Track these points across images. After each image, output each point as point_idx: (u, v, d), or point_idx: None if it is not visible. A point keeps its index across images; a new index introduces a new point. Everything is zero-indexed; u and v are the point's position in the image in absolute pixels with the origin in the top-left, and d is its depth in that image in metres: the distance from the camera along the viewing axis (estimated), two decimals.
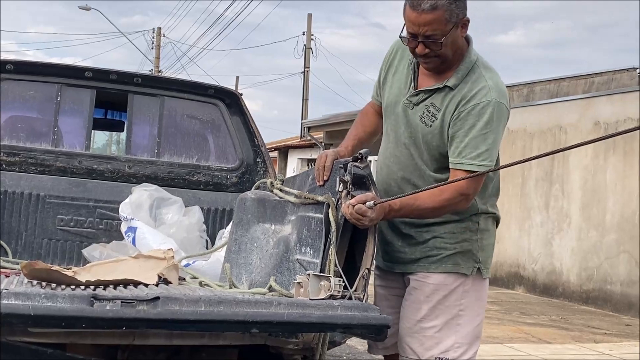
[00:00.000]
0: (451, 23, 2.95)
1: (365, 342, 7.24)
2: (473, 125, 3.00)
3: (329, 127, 18.70)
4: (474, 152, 3.00)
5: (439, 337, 3.11)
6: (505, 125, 3.09)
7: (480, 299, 3.23)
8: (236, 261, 3.80)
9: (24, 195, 4.38)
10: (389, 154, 3.31)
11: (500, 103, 3.00)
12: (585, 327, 8.52)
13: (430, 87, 3.10)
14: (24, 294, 2.51)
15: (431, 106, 3.10)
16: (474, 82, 3.04)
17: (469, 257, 3.16)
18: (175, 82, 5.18)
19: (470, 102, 3.02)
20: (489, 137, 2.99)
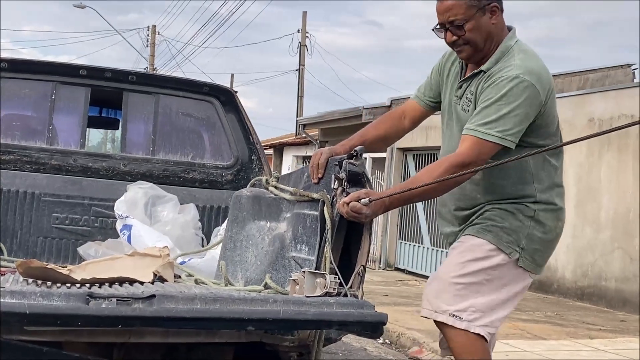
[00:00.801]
0: (474, 8, 3.03)
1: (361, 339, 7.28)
2: (490, 97, 3.00)
3: (325, 124, 18.68)
4: (481, 120, 2.98)
5: (458, 295, 3.06)
6: (532, 104, 2.99)
7: (510, 287, 3.13)
8: (232, 259, 3.80)
9: (19, 193, 4.37)
10: (444, 152, 3.32)
11: (523, 79, 2.97)
12: (580, 323, 8.54)
13: (469, 74, 3.15)
14: (19, 292, 2.51)
15: (469, 93, 3.14)
16: (504, 62, 3.06)
17: (513, 238, 3.10)
18: (170, 79, 5.18)
19: (493, 77, 3.04)
20: (503, 108, 2.96)
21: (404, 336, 7.34)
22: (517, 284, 3.16)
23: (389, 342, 7.47)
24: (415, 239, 14.89)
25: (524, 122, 2.99)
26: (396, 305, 9.01)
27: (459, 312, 3.04)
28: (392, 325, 7.59)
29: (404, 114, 3.50)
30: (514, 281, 3.14)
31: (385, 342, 7.49)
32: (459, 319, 3.04)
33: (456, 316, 3.04)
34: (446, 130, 3.33)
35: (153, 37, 37.52)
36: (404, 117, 3.50)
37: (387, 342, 7.47)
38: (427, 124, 3.51)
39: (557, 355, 6.47)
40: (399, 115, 3.51)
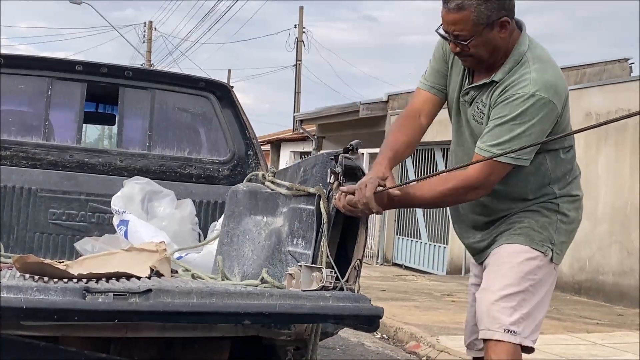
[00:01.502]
0: (481, 25, 2.85)
1: (358, 334, 7.29)
2: (504, 115, 2.87)
3: (322, 119, 18.69)
4: (494, 140, 2.87)
5: (507, 307, 2.93)
6: (549, 120, 2.88)
7: (547, 285, 3.05)
8: (228, 253, 3.80)
9: (16, 189, 4.37)
10: (453, 150, 3.25)
11: (540, 97, 2.83)
12: (578, 317, 8.55)
13: (479, 83, 3.01)
14: (16, 287, 2.52)
15: (480, 103, 3.01)
16: (519, 74, 2.91)
17: (545, 235, 3.02)
18: (166, 75, 5.18)
19: (508, 92, 2.90)
20: (517, 128, 2.84)
21: (401, 331, 7.35)
22: (550, 281, 3.08)
23: (387, 337, 7.48)
24: (413, 234, 14.92)
25: (539, 139, 2.87)
26: (394, 301, 9.02)
27: (512, 325, 2.91)
28: (389, 320, 7.61)
29: (418, 111, 3.24)
30: (549, 279, 3.07)
31: (383, 337, 7.50)
32: (513, 334, 2.90)
33: (510, 331, 2.91)
34: (456, 128, 3.20)
35: (150, 33, 37.48)
36: (419, 115, 3.24)
37: (384, 337, 7.49)
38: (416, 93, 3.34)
39: (555, 349, 6.48)
40: (415, 114, 3.25)
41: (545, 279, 3.04)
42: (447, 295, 9.97)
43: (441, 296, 9.95)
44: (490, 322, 2.94)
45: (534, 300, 2.99)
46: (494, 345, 2.93)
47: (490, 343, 2.94)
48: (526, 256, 3.00)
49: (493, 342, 2.93)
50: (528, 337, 2.95)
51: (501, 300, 2.94)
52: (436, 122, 3.47)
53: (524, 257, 3.00)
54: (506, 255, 3.03)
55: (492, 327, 2.93)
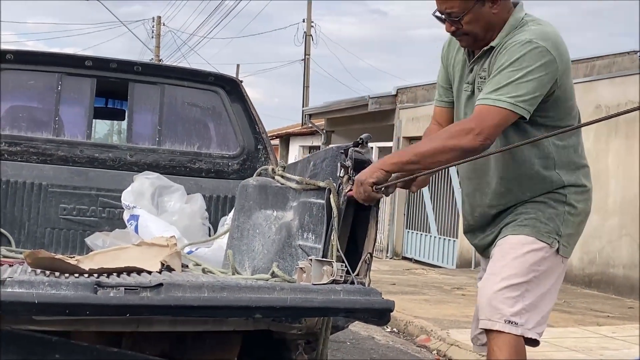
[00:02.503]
0: (471, 0, 2.90)
1: (368, 328, 7.29)
2: (502, 63, 2.87)
3: (331, 114, 18.68)
4: (492, 88, 2.85)
5: (510, 297, 2.90)
6: (548, 71, 2.84)
7: (553, 278, 3.02)
8: (239, 248, 3.81)
9: (26, 184, 4.38)
10: None
11: (538, 44, 2.83)
12: (588, 310, 8.54)
13: (478, 54, 3.02)
14: (27, 282, 2.53)
15: (482, 71, 3.01)
16: (518, 32, 2.92)
17: (551, 227, 2.99)
18: (176, 70, 5.18)
19: (505, 44, 2.91)
20: (515, 74, 2.82)
21: (411, 324, 7.36)
22: (557, 273, 3.05)
23: (397, 330, 7.49)
24: (423, 228, 14.90)
25: (538, 89, 2.83)
26: (404, 294, 9.03)
27: (513, 316, 2.88)
28: (399, 313, 7.61)
29: (439, 124, 3.31)
30: (556, 271, 3.04)
31: (393, 330, 7.51)
32: (515, 325, 2.88)
33: (512, 322, 2.88)
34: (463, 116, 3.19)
35: (158, 29, 37.52)
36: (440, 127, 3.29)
37: (394, 331, 7.49)
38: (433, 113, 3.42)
39: (565, 342, 6.47)
40: (437, 128, 3.29)
41: (551, 270, 3.01)
42: (457, 289, 9.97)
43: (451, 290, 9.94)
44: (491, 312, 2.91)
45: (539, 292, 2.96)
46: (496, 337, 2.90)
47: (492, 334, 2.92)
48: (531, 247, 2.98)
49: (494, 333, 2.90)
50: (532, 329, 2.92)
51: (504, 290, 2.92)
52: None
53: (529, 248, 2.98)
54: (511, 245, 3.00)
55: (493, 317, 2.91)
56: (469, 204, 3.23)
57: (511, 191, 3.07)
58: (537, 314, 2.96)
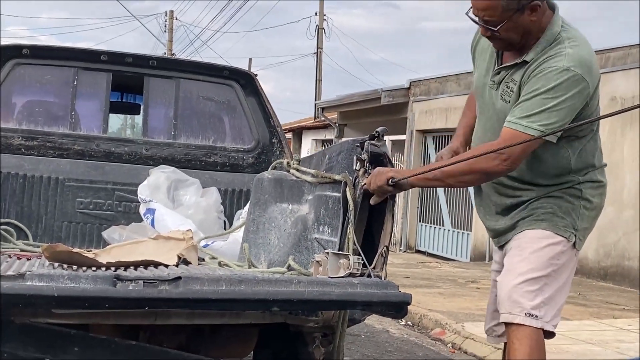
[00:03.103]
0: (510, 10, 2.84)
1: (383, 321, 7.29)
2: (536, 88, 2.85)
3: (343, 107, 18.65)
4: (524, 113, 2.85)
5: (529, 291, 2.92)
6: (580, 97, 2.86)
7: (568, 271, 3.04)
8: (254, 241, 3.82)
9: (43, 179, 4.41)
10: (478, 137, 3.22)
11: (575, 72, 2.82)
12: (604, 303, 8.51)
13: (510, 63, 3.00)
14: (47, 275, 2.54)
15: (510, 82, 2.99)
16: (554, 51, 2.89)
17: (568, 221, 3.01)
18: (190, 64, 5.19)
19: (542, 65, 2.88)
20: (549, 102, 2.81)
21: (426, 318, 7.35)
22: (572, 266, 3.07)
23: (411, 323, 7.49)
24: (436, 221, 14.88)
25: (569, 115, 2.85)
26: (418, 287, 9.02)
27: (533, 309, 2.91)
28: (414, 307, 7.61)
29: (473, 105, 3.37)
30: (571, 264, 3.06)
31: (408, 323, 7.51)
32: (535, 318, 2.90)
33: (532, 315, 2.90)
34: (480, 115, 3.21)
35: (171, 23, 37.56)
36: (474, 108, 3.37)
37: (409, 324, 7.49)
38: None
39: (581, 335, 6.45)
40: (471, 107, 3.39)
41: (567, 264, 3.04)
42: (471, 282, 9.95)
43: (465, 283, 9.93)
44: (512, 306, 2.94)
45: (556, 285, 2.99)
46: (516, 330, 2.93)
47: (512, 327, 2.94)
48: (549, 241, 3.00)
49: (515, 326, 2.93)
50: (550, 322, 2.96)
51: (523, 284, 2.94)
52: (459, 107, 3.53)
53: (547, 242, 3.00)
54: (529, 240, 3.02)
55: (513, 310, 2.93)
56: (484, 191, 3.24)
57: (524, 189, 3.09)
58: (554, 307, 2.99)
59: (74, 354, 2.85)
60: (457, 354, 6.29)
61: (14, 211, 4.33)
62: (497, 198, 3.17)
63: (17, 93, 4.59)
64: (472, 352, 6.22)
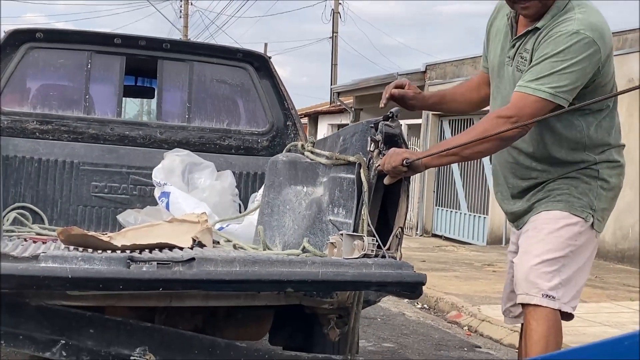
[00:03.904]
0: None
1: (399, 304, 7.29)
2: (546, 52, 2.84)
3: (359, 91, 18.60)
4: (534, 76, 2.84)
5: (547, 272, 2.91)
6: (591, 62, 2.84)
7: (587, 252, 3.02)
8: (269, 224, 3.81)
9: (58, 162, 4.42)
10: None
11: (585, 35, 2.81)
12: (621, 285, 8.47)
13: (522, 32, 3.00)
14: (61, 257, 2.55)
15: (524, 51, 2.99)
16: (564, 17, 2.88)
17: (585, 201, 2.98)
18: (204, 46, 5.18)
19: (552, 31, 2.88)
20: (558, 65, 2.81)
21: (442, 301, 7.35)
22: (591, 248, 3.05)
23: (427, 307, 7.48)
24: (452, 205, 14.84)
25: (580, 79, 2.84)
26: (434, 271, 9.01)
27: (551, 290, 2.89)
28: (430, 290, 7.60)
29: (479, 82, 3.41)
30: (590, 245, 3.03)
31: (424, 307, 7.50)
32: (552, 299, 2.89)
33: (549, 296, 2.89)
34: (497, 95, 3.18)
35: (186, 8, 37.54)
36: (479, 85, 3.41)
37: (425, 307, 7.49)
38: None
39: (598, 317, 6.43)
40: (476, 83, 3.43)
41: (586, 245, 3.01)
42: (487, 265, 9.93)
43: (482, 266, 9.91)
44: (529, 287, 2.92)
45: (574, 266, 2.97)
46: (533, 310, 2.92)
47: (529, 308, 2.93)
48: (566, 222, 2.97)
49: (532, 307, 2.92)
50: (568, 303, 2.94)
51: (540, 265, 2.92)
52: None
53: (564, 222, 2.97)
54: (546, 221, 3.00)
55: (530, 291, 2.92)
56: (502, 174, 3.22)
57: (540, 169, 3.07)
58: (573, 288, 2.96)
59: (89, 335, 2.85)
60: (473, 336, 6.28)
61: (30, 195, 4.35)
62: (514, 180, 3.15)
63: (31, 77, 4.59)
64: (488, 334, 6.21)
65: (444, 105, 3.52)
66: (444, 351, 5.64)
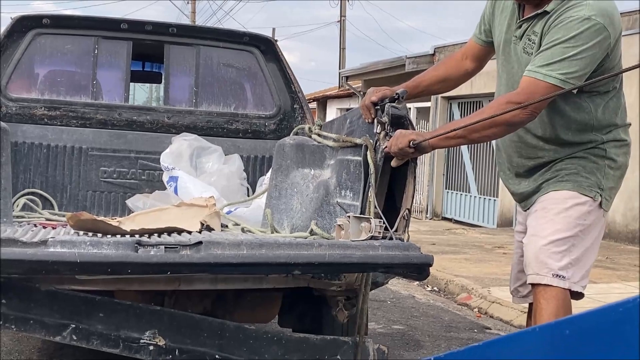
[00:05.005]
0: None
1: (409, 287, 7.29)
2: (557, 38, 2.83)
3: (367, 75, 18.54)
4: (544, 62, 2.83)
5: (556, 252, 2.91)
6: (601, 48, 2.83)
7: (596, 231, 3.02)
8: (277, 207, 3.82)
9: (67, 148, 4.43)
10: (501, 94, 3.15)
11: (596, 21, 2.80)
12: (632, 266, 8.45)
13: (531, 15, 2.98)
14: (69, 241, 2.56)
15: (532, 34, 2.97)
16: (573, 1, 2.86)
17: (593, 180, 2.98)
18: (210, 30, 5.17)
19: (562, 15, 2.86)
20: (570, 50, 2.80)
21: (452, 283, 7.35)
22: (600, 227, 3.05)
23: (437, 289, 7.49)
24: (462, 188, 14.82)
25: (589, 65, 2.83)
26: (444, 254, 9.01)
27: (561, 270, 2.89)
28: (440, 272, 7.61)
29: (464, 54, 3.41)
30: (598, 224, 3.03)
31: (434, 289, 7.51)
32: (562, 279, 2.89)
33: (559, 276, 2.89)
34: (502, 73, 3.17)
35: None
36: (465, 57, 3.41)
37: (435, 290, 7.50)
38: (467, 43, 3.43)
39: (608, 298, 6.42)
40: (460, 56, 3.42)
41: (595, 224, 3.01)
42: (498, 248, 9.93)
43: (492, 249, 9.90)
44: (539, 267, 2.93)
45: (584, 246, 2.97)
46: (543, 290, 2.92)
47: (539, 288, 2.94)
48: (575, 201, 2.97)
49: (542, 286, 2.92)
50: (578, 283, 2.94)
51: (550, 245, 2.93)
52: (484, 73, 3.51)
53: (573, 202, 2.97)
54: (554, 201, 3.00)
55: (540, 271, 2.92)
56: (505, 153, 3.21)
57: (547, 148, 3.06)
58: (582, 268, 2.97)
59: (99, 319, 2.87)
60: (483, 318, 6.29)
61: (39, 181, 4.37)
62: (519, 160, 3.15)
63: (38, 63, 4.60)
64: (499, 316, 6.22)
65: (422, 92, 3.47)
66: (454, 333, 5.65)
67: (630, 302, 1.09)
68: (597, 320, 1.17)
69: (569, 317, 1.24)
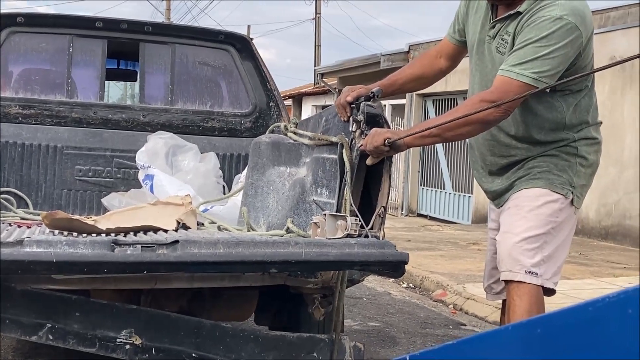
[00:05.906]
0: None
1: (385, 284, 7.33)
2: (530, 37, 2.86)
3: (343, 72, 18.57)
4: (517, 61, 2.86)
5: (529, 249, 2.95)
6: (573, 47, 2.86)
7: (568, 228, 3.06)
8: (253, 205, 3.83)
9: (42, 147, 4.41)
10: (475, 93, 3.17)
11: (568, 21, 2.83)
12: (605, 262, 8.55)
13: (504, 15, 3.00)
14: (45, 241, 2.55)
15: (505, 34, 3.00)
16: (546, 1, 2.89)
17: (564, 178, 3.02)
18: (186, 29, 5.17)
19: (534, 15, 2.89)
20: (542, 50, 2.83)
21: (427, 280, 7.40)
22: (571, 224, 3.09)
23: (413, 286, 7.53)
24: (437, 185, 14.90)
25: (562, 64, 2.86)
26: (419, 250, 9.06)
27: (533, 267, 2.93)
28: (415, 269, 7.65)
29: (439, 52, 3.43)
30: (570, 222, 3.08)
31: (409, 286, 7.56)
32: (535, 276, 2.93)
33: (532, 273, 2.93)
34: (475, 72, 3.20)
35: None
36: (439, 56, 3.43)
37: (411, 286, 7.54)
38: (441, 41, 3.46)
39: (582, 294, 6.49)
40: (434, 54, 3.45)
41: (566, 221, 3.06)
42: (472, 244, 10.00)
43: (467, 245, 9.97)
44: (512, 264, 2.97)
45: (556, 243, 3.02)
46: (516, 287, 2.96)
47: (512, 285, 2.98)
48: (547, 199, 3.01)
49: (515, 283, 2.96)
50: (550, 279, 2.99)
51: (523, 242, 2.97)
52: (459, 70, 3.53)
53: (545, 200, 3.01)
54: (526, 199, 3.04)
55: (513, 268, 2.96)
56: (478, 151, 3.25)
57: (520, 147, 3.10)
58: (554, 265, 3.01)
59: (75, 319, 2.87)
60: (459, 314, 6.34)
61: (14, 180, 4.34)
62: (492, 158, 3.18)
63: (13, 61, 4.56)
64: (473, 312, 6.28)
65: (397, 90, 3.50)
66: (430, 329, 5.69)
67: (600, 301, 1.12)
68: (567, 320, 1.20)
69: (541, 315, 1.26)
